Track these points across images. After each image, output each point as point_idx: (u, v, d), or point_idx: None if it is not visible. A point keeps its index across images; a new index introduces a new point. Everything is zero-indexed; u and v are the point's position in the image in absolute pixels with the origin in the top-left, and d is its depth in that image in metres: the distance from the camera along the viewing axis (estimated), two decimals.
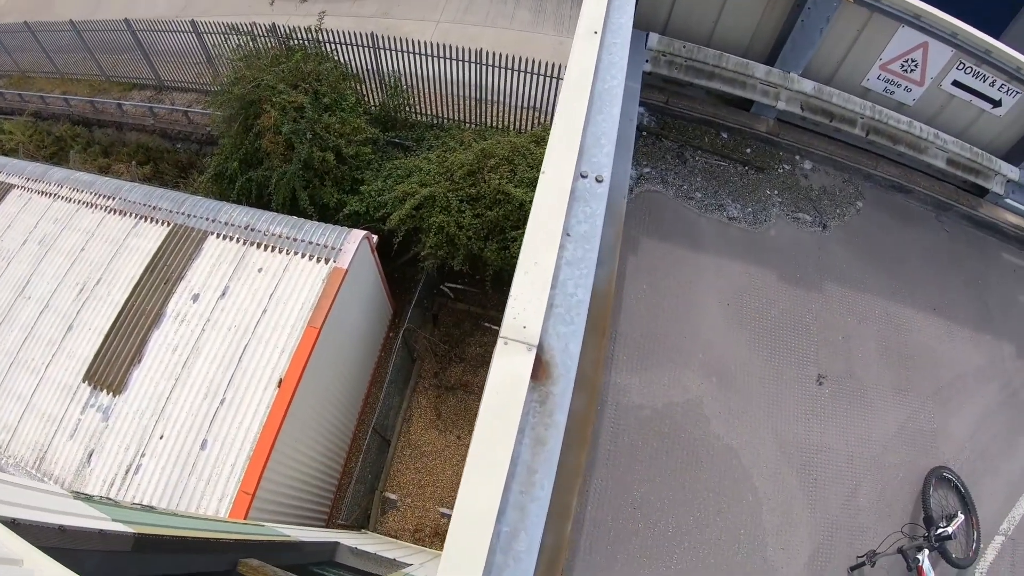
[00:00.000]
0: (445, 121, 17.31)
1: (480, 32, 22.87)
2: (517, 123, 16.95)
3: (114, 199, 13.10)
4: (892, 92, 8.25)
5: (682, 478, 6.42)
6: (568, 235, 3.78)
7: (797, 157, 8.63)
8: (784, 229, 7.89)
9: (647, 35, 7.70)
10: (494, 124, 17.10)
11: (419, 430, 14.63)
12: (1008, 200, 8.63)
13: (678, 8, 7.87)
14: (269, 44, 16.00)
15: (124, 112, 21.34)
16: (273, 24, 16.46)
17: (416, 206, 13.07)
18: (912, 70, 7.92)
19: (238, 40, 16.10)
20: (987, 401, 7.37)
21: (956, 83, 8.00)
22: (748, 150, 8.45)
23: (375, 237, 12.73)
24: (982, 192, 8.69)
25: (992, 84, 7.87)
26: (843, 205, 8.28)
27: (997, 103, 8.03)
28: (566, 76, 4.36)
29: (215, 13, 24.01)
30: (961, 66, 7.78)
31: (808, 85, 8.05)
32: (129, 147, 21.24)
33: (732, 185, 8.10)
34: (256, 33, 16.26)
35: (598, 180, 3.96)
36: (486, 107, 16.93)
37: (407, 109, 16.67)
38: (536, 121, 16.45)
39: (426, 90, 17.03)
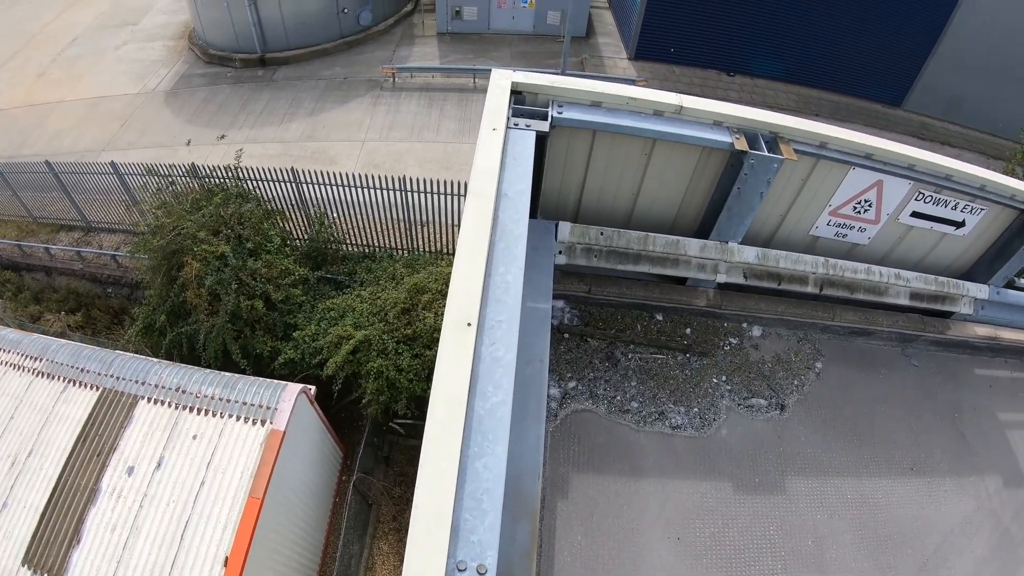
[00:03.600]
0: (376, 250, 17.08)
1: (407, 148, 22.95)
2: (449, 243, 16.78)
3: (41, 360, 12.49)
4: (844, 236, 7.78)
5: None
6: None
7: (744, 325, 7.95)
8: (737, 424, 7.09)
9: (556, 225, 6.99)
10: (426, 247, 16.92)
11: None
12: (977, 315, 8.26)
13: (589, 191, 7.27)
14: (189, 185, 15.68)
15: (53, 256, 20.77)
16: (192, 164, 16.21)
17: (352, 350, 12.72)
18: (866, 210, 7.47)
19: (157, 183, 15.74)
20: (979, 552, 6.64)
21: (915, 214, 7.57)
22: (688, 330, 7.72)
23: (313, 388, 12.25)
24: (948, 313, 8.29)
25: (955, 208, 7.47)
26: (801, 372, 7.61)
27: (960, 224, 7.67)
28: (430, 402, 3.52)
29: (140, 145, 23.99)
30: (920, 196, 7.34)
31: (750, 253, 7.43)
32: (59, 293, 20.62)
33: (673, 382, 7.28)
34: (175, 174, 15.95)
35: (480, 572, 3.07)
36: (416, 229, 16.77)
37: (335, 244, 16.37)
38: None
39: (354, 218, 16.83)
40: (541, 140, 5.81)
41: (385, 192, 16.00)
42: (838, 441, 7.06)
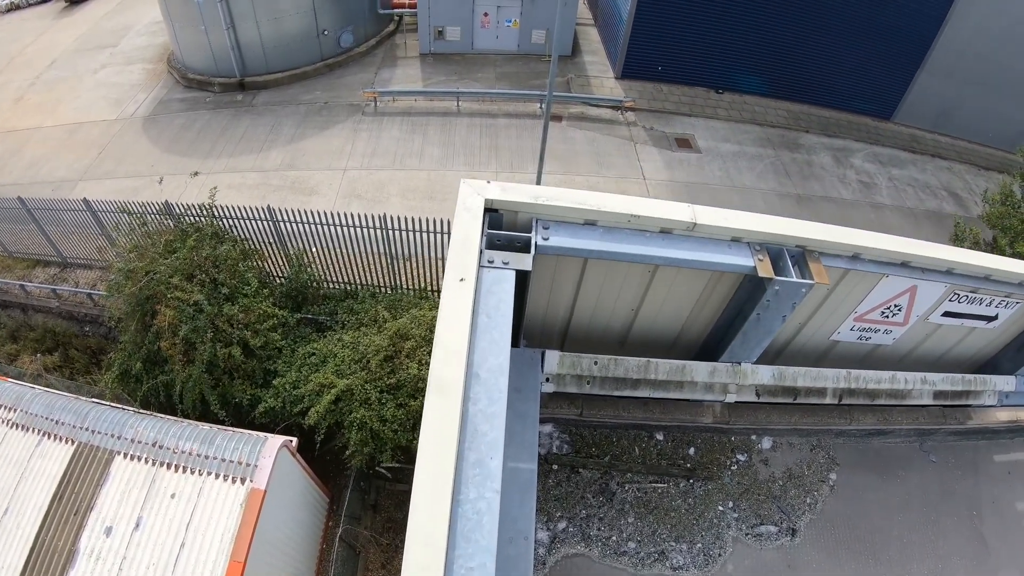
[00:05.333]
0: (359, 287, 16.66)
1: (389, 177, 22.55)
2: (433, 279, 16.38)
3: (15, 411, 12.08)
4: (868, 339, 7.19)
5: None
6: None
7: (753, 437, 7.25)
8: (744, 558, 6.39)
9: (543, 354, 6.12)
10: (409, 284, 16.53)
11: None
12: (1000, 404, 7.76)
13: (579, 315, 6.47)
14: (163, 225, 15.20)
15: (29, 294, 20.28)
16: (167, 202, 15.77)
17: (335, 399, 12.30)
18: (895, 314, 6.88)
19: (130, 222, 15.25)
20: None
21: (947, 313, 7.03)
22: (691, 449, 6.99)
23: (294, 440, 11.83)
24: (970, 404, 7.74)
25: (989, 304, 6.95)
26: (814, 488, 6.97)
27: (993, 318, 7.17)
28: None
29: (117, 174, 23.60)
30: (955, 297, 6.76)
31: (765, 374, 6.69)
32: (36, 332, 20.09)
33: (675, 515, 6.55)
34: (149, 212, 15.50)
35: None
36: (399, 264, 16.35)
37: (315, 286, 15.97)
38: None
39: (334, 255, 16.40)
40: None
41: (366, 230, 15.58)
42: (852, 562, 6.50)
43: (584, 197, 5.17)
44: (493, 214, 5.05)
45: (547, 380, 6.21)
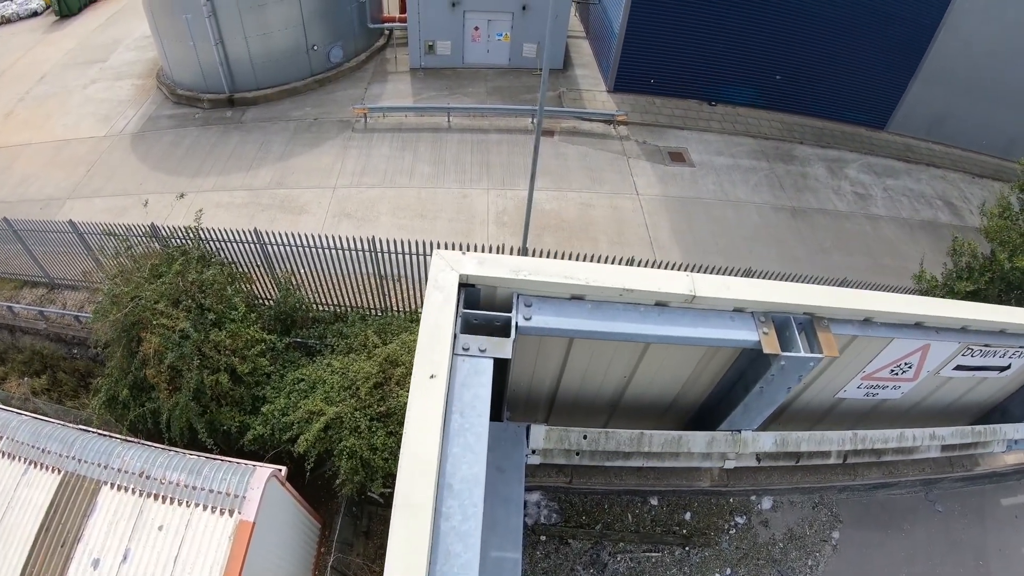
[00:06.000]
0: (348, 310, 16.48)
1: (380, 195, 22.40)
2: (422, 302, 16.19)
3: (2, 439, 11.92)
4: (875, 395, 6.85)
5: None
6: None
7: (753, 498, 6.87)
8: None
9: (528, 428, 5.62)
10: (399, 305, 16.35)
11: None
12: (1009, 450, 7.48)
13: (566, 388, 6.00)
14: (149, 248, 14.99)
15: (16, 315, 20.03)
16: (152, 224, 15.57)
17: (324, 427, 12.12)
18: (905, 371, 6.55)
19: (115, 245, 15.02)
20: None
21: (959, 367, 6.74)
22: (687, 515, 6.59)
23: (283, 470, 11.65)
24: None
25: (1003, 356, 6.70)
26: (816, 548, 6.60)
27: (1005, 368, 6.92)
28: None
29: (106, 192, 23.42)
30: (968, 352, 6.47)
31: (767, 441, 6.23)
32: (24, 354, 19.86)
33: None
34: (135, 235, 15.31)
35: None
36: (389, 284, 16.18)
37: (304, 309, 15.79)
38: None
39: (322, 276, 16.22)
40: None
41: (355, 252, 15.41)
42: None
43: (571, 269, 4.67)
44: (470, 289, 4.61)
45: (533, 452, 5.78)
